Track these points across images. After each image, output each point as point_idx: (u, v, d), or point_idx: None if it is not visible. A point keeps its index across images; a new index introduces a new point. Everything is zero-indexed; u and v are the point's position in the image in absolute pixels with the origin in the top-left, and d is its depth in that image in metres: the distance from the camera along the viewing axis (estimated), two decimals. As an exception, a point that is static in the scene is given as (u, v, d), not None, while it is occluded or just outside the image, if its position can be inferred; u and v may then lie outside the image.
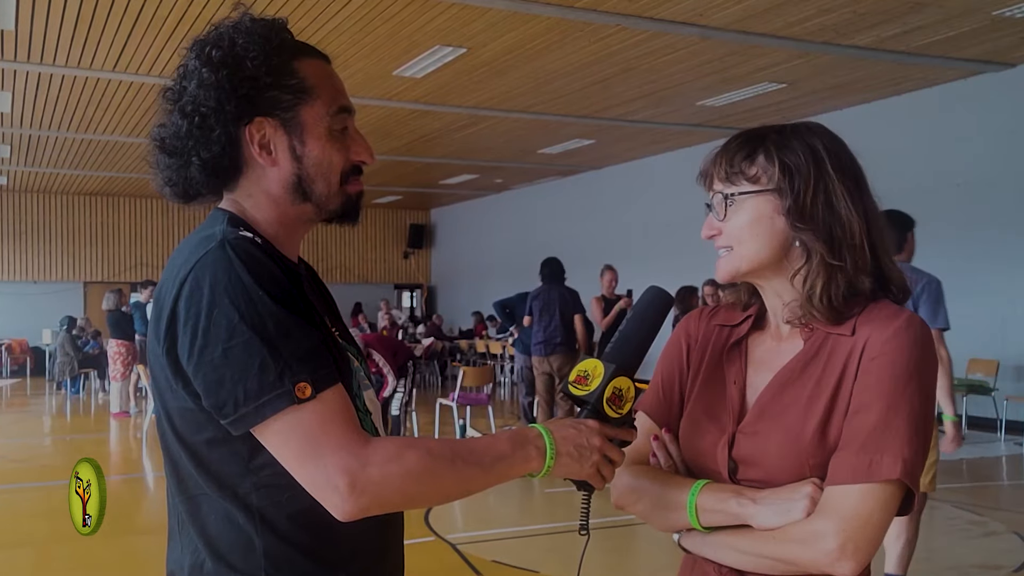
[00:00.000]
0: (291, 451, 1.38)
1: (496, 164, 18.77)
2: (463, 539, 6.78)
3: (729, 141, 1.61)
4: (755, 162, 1.55)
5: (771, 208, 1.53)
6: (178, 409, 1.48)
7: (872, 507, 1.40)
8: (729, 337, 1.68)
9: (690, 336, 1.74)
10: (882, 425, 1.41)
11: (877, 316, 1.49)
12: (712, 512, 1.53)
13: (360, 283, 25.61)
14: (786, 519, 1.45)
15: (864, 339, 1.47)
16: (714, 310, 1.75)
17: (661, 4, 8.88)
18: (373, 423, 1.61)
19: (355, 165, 1.61)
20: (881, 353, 1.45)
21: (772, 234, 1.54)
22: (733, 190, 1.56)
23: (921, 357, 1.45)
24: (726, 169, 1.57)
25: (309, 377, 1.37)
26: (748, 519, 1.49)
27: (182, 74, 1.53)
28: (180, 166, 1.54)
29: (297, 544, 1.47)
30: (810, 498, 1.44)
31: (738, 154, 1.57)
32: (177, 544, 1.55)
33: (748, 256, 1.56)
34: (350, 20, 9.28)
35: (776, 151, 1.54)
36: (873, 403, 1.43)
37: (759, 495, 1.49)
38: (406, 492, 1.38)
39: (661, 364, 1.77)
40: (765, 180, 1.54)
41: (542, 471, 1.47)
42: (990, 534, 6.95)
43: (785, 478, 1.49)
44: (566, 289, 10.40)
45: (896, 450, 1.40)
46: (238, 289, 1.39)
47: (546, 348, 10.14)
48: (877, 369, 1.44)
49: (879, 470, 1.39)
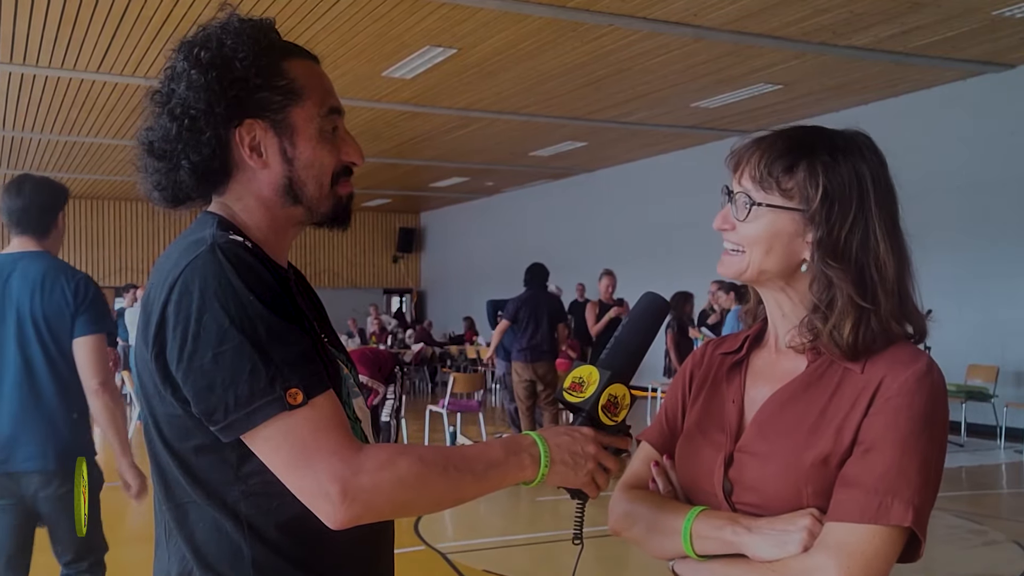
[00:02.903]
0: (282, 458, 1.37)
1: (487, 167, 18.80)
2: (453, 548, 6.74)
3: (775, 138, 1.52)
4: (794, 176, 1.47)
5: (793, 228, 1.48)
6: (166, 416, 1.47)
7: (877, 548, 1.36)
8: (730, 361, 1.66)
9: (696, 368, 1.73)
10: (895, 469, 1.38)
11: (895, 356, 1.45)
12: (707, 539, 1.49)
13: (349, 287, 25.53)
14: (782, 551, 1.41)
15: (879, 378, 1.43)
16: (721, 341, 1.74)
17: (655, 4, 8.87)
18: (363, 431, 1.60)
19: (346, 166, 1.60)
20: (898, 395, 1.41)
21: (786, 253, 1.49)
22: (762, 198, 1.49)
23: (938, 407, 1.42)
24: (762, 172, 1.49)
25: (300, 383, 1.37)
26: (743, 548, 1.45)
27: (170, 76, 1.53)
28: (169, 170, 1.53)
29: (286, 553, 1.46)
30: (807, 531, 1.40)
31: (779, 161, 1.48)
32: (164, 553, 1.54)
33: (756, 264, 1.52)
34: (338, 20, 9.26)
35: (822, 173, 1.46)
36: (886, 445, 1.39)
37: (755, 524, 1.45)
38: (398, 500, 1.38)
39: (667, 397, 1.77)
40: (799, 200, 1.47)
41: (536, 479, 1.47)
42: (990, 543, 6.92)
43: (781, 504, 1.46)
44: (552, 296, 10.40)
45: (908, 496, 1.37)
46: (228, 293, 1.38)
47: (532, 355, 10.10)
48: (893, 411, 1.40)
49: (888, 513, 1.36)
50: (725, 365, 1.66)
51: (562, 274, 10.65)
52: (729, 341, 1.70)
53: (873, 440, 1.40)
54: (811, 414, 1.47)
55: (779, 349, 1.57)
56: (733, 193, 1.54)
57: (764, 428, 1.52)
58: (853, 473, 1.40)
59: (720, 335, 10.63)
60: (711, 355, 1.71)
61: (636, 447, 1.75)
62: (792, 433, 1.47)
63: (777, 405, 1.52)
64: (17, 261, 3.64)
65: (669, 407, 1.73)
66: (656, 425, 1.73)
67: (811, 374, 1.50)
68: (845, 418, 1.44)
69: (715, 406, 1.62)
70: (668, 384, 11.40)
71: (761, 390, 1.56)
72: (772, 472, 1.47)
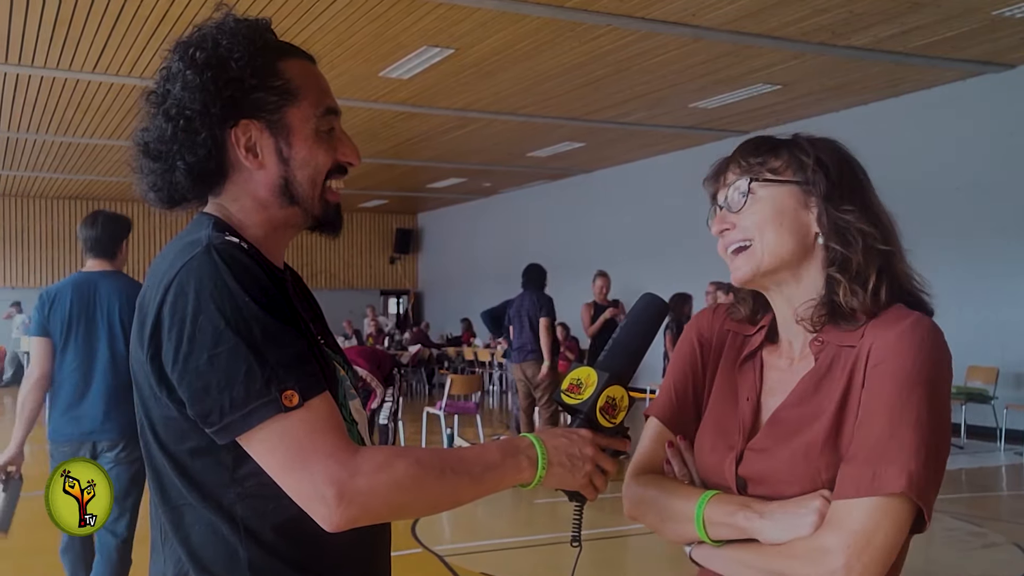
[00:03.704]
0: (278, 460, 1.36)
1: (485, 167, 18.78)
2: (451, 551, 6.72)
3: (746, 141, 1.56)
4: (780, 156, 1.50)
5: (795, 201, 1.49)
6: (162, 418, 1.46)
7: (878, 521, 1.34)
8: (743, 347, 1.64)
9: (703, 336, 1.70)
10: (886, 435, 1.36)
11: (884, 320, 1.44)
12: (719, 525, 1.49)
13: (346, 289, 25.52)
14: (793, 534, 1.40)
15: (869, 344, 1.42)
16: (728, 310, 1.70)
17: (653, 4, 8.87)
18: (359, 433, 1.60)
19: (340, 165, 1.60)
20: (884, 359, 1.39)
21: (796, 227, 1.49)
22: (755, 175, 1.50)
23: (929, 360, 1.38)
24: (748, 160, 1.52)
25: (296, 385, 1.36)
26: (755, 533, 1.44)
27: (165, 76, 1.53)
28: (165, 170, 1.53)
29: (282, 556, 1.46)
30: (818, 512, 1.39)
31: (761, 147, 1.52)
32: (160, 556, 1.53)
33: (770, 249, 1.49)
34: (335, 20, 9.25)
35: (809, 146, 1.50)
36: (877, 412, 1.38)
37: (766, 508, 1.45)
38: (395, 502, 1.38)
39: (673, 367, 1.72)
40: (790, 173, 1.49)
41: (533, 481, 1.46)
42: (990, 546, 6.90)
43: (796, 492, 1.45)
44: (537, 295, 10.32)
45: (901, 462, 1.34)
46: (224, 295, 1.38)
47: (519, 355, 10.19)
48: (880, 376, 1.39)
49: (882, 483, 1.34)
50: (736, 347, 1.64)
51: (560, 275, 10.61)
52: (739, 315, 1.66)
53: (867, 410, 1.39)
54: (820, 403, 1.46)
55: (793, 357, 1.57)
56: (724, 197, 1.54)
57: (777, 426, 1.51)
58: (851, 448, 1.39)
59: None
60: (720, 328, 1.68)
61: (645, 422, 1.73)
62: (803, 426, 1.47)
63: (790, 406, 1.51)
64: (101, 277, 4.62)
65: (678, 381, 1.70)
66: (664, 398, 1.70)
67: (819, 368, 1.49)
68: (846, 393, 1.43)
69: (729, 401, 1.61)
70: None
71: (777, 400, 1.55)
72: (785, 464, 1.46)
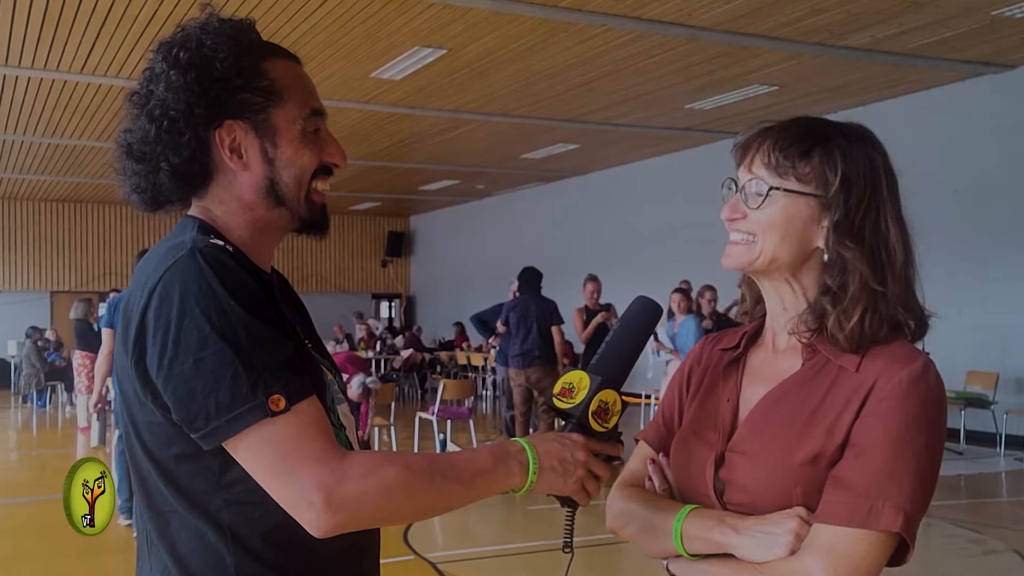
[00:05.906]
0: (264, 466, 1.36)
1: (478, 169, 18.78)
2: (443, 558, 6.73)
3: (786, 125, 1.52)
4: (810, 161, 1.48)
5: (808, 213, 1.48)
6: (147, 423, 1.45)
7: (865, 552, 1.36)
8: (728, 358, 1.66)
9: (694, 364, 1.73)
10: (887, 472, 1.37)
11: (891, 355, 1.44)
12: (696, 540, 1.49)
13: (337, 292, 25.43)
14: (769, 554, 1.41)
15: (874, 377, 1.42)
16: (720, 337, 1.72)
17: (648, 4, 8.87)
18: (347, 438, 1.60)
19: (326, 165, 1.59)
20: (892, 396, 1.40)
21: (799, 239, 1.49)
22: (778, 183, 1.48)
23: (934, 410, 1.41)
24: (777, 158, 1.48)
25: (283, 389, 1.36)
26: (731, 549, 1.45)
27: (149, 77, 1.52)
28: (148, 172, 1.52)
29: (270, 562, 1.45)
30: (794, 533, 1.40)
31: (795, 146, 1.48)
32: (146, 563, 1.53)
33: (768, 252, 1.50)
34: (326, 20, 9.20)
35: (840, 158, 1.47)
36: (878, 448, 1.38)
37: (742, 524, 1.45)
38: (384, 508, 1.37)
39: (665, 395, 1.77)
40: (816, 184, 1.47)
41: (524, 487, 1.46)
42: (989, 553, 6.90)
43: (771, 503, 1.45)
44: (543, 299, 10.40)
45: (899, 501, 1.36)
46: (209, 298, 1.37)
47: (524, 360, 10.21)
48: (886, 413, 1.39)
49: (878, 518, 1.36)
50: (723, 362, 1.65)
51: (555, 278, 10.57)
52: (728, 337, 1.69)
53: (865, 442, 1.39)
54: (803, 413, 1.46)
55: (776, 348, 1.57)
56: (740, 183, 1.52)
57: (756, 427, 1.51)
58: (844, 475, 1.39)
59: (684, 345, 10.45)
60: (710, 352, 1.70)
61: (635, 447, 1.77)
62: (783, 432, 1.47)
63: (770, 404, 1.51)
64: None
65: (666, 407, 1.74)
66: (653, 425, 1.74)
67: (806, 372, 1.50)
68: (837, 417, 1.43)
69: (710, 405, 1.62)
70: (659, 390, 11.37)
71: (756, 389, 1.56)
72: (762, 472, 1.47)
